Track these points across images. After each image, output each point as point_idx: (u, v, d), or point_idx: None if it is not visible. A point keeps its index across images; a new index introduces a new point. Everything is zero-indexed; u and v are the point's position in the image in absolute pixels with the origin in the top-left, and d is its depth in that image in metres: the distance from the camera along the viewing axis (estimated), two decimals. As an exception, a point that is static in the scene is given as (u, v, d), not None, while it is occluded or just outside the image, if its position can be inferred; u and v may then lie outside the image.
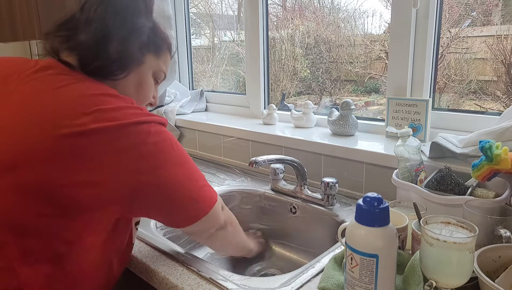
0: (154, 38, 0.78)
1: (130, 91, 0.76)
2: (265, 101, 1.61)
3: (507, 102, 1.16)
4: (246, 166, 1.43)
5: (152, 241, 0.89)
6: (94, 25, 0.70)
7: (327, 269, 0.73)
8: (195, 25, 2.04)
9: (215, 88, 1.97)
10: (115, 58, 0.71)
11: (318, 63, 1.66)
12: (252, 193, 1.22)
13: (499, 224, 0.68)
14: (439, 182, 0.87)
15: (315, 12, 1.66)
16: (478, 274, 0.59)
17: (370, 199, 0.58)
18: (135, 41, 0.73)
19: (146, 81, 0.78)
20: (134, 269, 0.84)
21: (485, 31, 1.17)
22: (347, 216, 1.01)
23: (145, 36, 0.75)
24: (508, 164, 0.72)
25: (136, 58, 0.75)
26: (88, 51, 0.70)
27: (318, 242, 1.06)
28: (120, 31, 0.71)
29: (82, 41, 0.70)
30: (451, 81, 1.25)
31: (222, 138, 1.52)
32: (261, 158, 1.04)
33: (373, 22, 1.46)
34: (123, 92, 0.71)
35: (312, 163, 1.22)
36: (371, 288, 0.58)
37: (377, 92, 1.55)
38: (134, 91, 0.77)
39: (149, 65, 0.78)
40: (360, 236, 0.58)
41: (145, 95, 0.80)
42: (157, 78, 0.82)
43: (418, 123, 1.14)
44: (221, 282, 0.73)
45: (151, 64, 0.78)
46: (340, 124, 1.25)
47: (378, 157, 1.07)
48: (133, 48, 0.73)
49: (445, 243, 0.55)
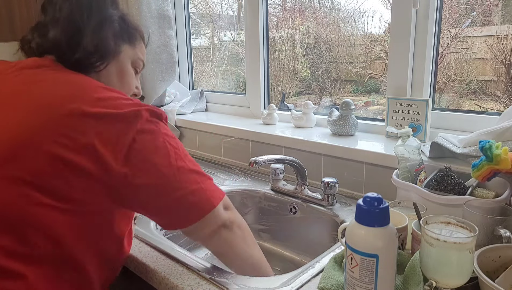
0: (126, 27, 0.80)
1: (114, 83, 0.79)
2: (265, 101, 1.61)
3: (507, 102, 1.16)
4: (246, 166, 1.43)
5: (152, 241, 0.89)
6: (63, 23, 0.72)
7: (327, 269, 0.73)
8: (195, 25, 2.04)
9: (215, 88, 1.97)
10: (92, 50, 0.73)
11: (318, 63, 1.66)
12: (252, 193, 1.22)
13: (499, 224, 0.68)
14: (439, 182, 0.87)
15: (315, 12, 1.66)
16: (478, 274, 0.59)
17: (370, 199, 0.58)
18: (107, 31, 0.76)
19: (126, 71, 0.81)
20: (134, 269, 0.84)
21: (485, 31, 1.17)
22: (347, 216, 1.01)
23: (116, 26, 0.78)
24: (508, 164, 0.72)
25: (112, 48, 0.77)
26: (63, 48, 0.72)
27: (318, 242, 1.06)
28: (90, 23, 0.73)
29: (55, 40, 0.72)
30: (451, 81, 1.25)
31: (222, 138, 1.52)
32: (261, 158, 1.04)
33: (373, 22, 1.46)
34: (107, 84, 0.74)
35: (312, 163, 1.22)
36: (371, 288, 0.58)
37: (377, 92, 1.55)
38: (117, 82, 0.79)
39: (127, 55, 0.81)
40: (360, 236, 0.58)
41: (128, 86, 0.82)
42: (136, 67, 0.84)
43: (418, 123, 1.14)
44: (221, 282, 0.73)
45: (128, 53, 0.81)
46: (340, 124, 1.25)
47: (378, 157, 1.07)
48: (107, 38, 0.76)
49: (445, 243, 0.55)
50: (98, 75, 0.75)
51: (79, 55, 0.73)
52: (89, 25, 0.73)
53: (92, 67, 0.75)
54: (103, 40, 0.75)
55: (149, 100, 1.65)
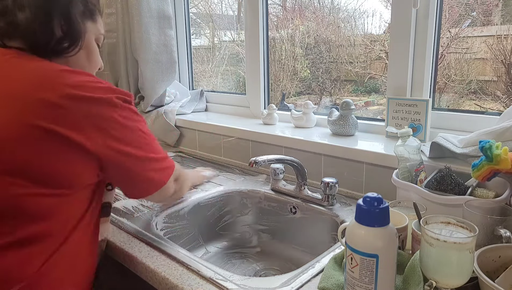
0: (87, 4, 0.81)
1: (83, 62, 0.80)
2: (265, 101, 1.61)
3: (507, 102, 1.16)
4: (246, 166, 1.43)
5: (152, 241, 0.89)
6: (29, 10, 0.72)
7: (327, 269, 0.73)
8: (195, 25, 2.04)
9: (215, 88, 1.97)
10: (63, 34, 0.74)
11: (318, 63, 1.66)
12: (252, 193, 1.22)
13: (499, 224, 0.68)
14: (439, 182, 0.87)
15: (315, 12, 1.66)
16: (478, 274, 0.59)
17: (370, 199, 0.58)
18: (74, 12, 0.76)
19: (92, 49, 0.83)
20: (134, 269, 0.84)
21: (485, 31, 1.17)
22: (347, 216, 1.01)
23: (80, 5, 0.78)
24: (508, 164, 0.72)
25: (81, 29, 0.78)
26: (34, 34, 0.73)
27: (318, 242, 1.06)
28: (57, 6, 0.74)
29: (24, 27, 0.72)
30: (451, 81, 1.25)
31: (222, 138, 1.52)
32: (261, 158, 1.04)
33: (373, 22, 1.46)
34: (77, 65, 0.76)
35: (312, 163, 1.22)
36: (371, 288, 0.58)
37: (377, 92, 1.55)
38: (85, 62, 0.81)
39: (91, 32, 0.82)
40: (360, 236, 0.58)
41: (95, 62, 0.85)
42: (98, 42, 0.86)
43: (418, 123, 1.14)
44: (221, 282, 0.73)
45: (92, 30, 0.82)
46: (340, 124, 1.25)
47: (378, 157, 1.07)
48: (75, 19, 0.76)
49: (445, 243, 0.55)
50: (67, 59, 0.77)
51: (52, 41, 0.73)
52: (57, 9, 0.74)
53: (64, 52, 0.76)
54: (72, 22, 0.76)
55: (149, 100, 1.65)
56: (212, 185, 1.25)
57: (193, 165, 1.47)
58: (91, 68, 0.83)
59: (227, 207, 1.22)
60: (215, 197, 1.19)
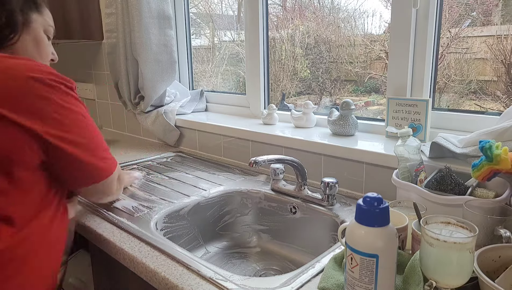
0: None
1: (32, 53, 0.84)
2: (265, 101, 1.61)
3: (507, 102, 1.16)
4: (246, 166, 1.43)
5: (152, 241, 0.89)
6: None
7: (327, 269, 0.73)
8: (195, 25, 2.04)
9: (215, 88, 1.97)
10: (2, 23, 0.78)
11: (318, 63, 1.66)
12: (252, 193, 1.22)
13: (499, 224, 0.68)
14: (439, 182, 0.87)
15: (315, 12, 1.66)
16: (478, 274, 0.59)
17: (370, 199, 0.58)
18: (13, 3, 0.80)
19: (41, 40, 0.87)
20: (134, 269, 0.84)
21: (485, 31, 1.17)
22: (347, 216, 1.01)
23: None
24: (508, 164, 0.72)
25: (21, 18, 0.82)
26: None
27: (318, 242, 1.06)
28: None
29: None
30: (451, 81, 1.25)
31: (222, 138, 1.52)
32: (261, 158, 1.04)
33: (373, 22, 1.46)
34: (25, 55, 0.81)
35: (312, 163, 1.22)
36: (371, 288, 0.58)
37: (377, 92, 1.55)
38: (34, 52, 0.85)
39: (38, 23, 0.86)
40: (360, 236, 0.58)
41: (45, 53, 0.89)
42: (48, 34, 0.90)
43: (418, 123, 1.14)
44: (221, 282, 0.73)
45: (39, 21, 0.86)
46: (340, 124, 1.25)
47: (378, 157, 1.07)
48: (15, 9, 0.80)
49: (445, 243, 0.55)
50: (14, 48, 0.81)
51: None
52: None
53: (7, 40, 0.80)
54: (12, 11, 0.80)
55: (149, 100, 1.65)
56: (212, 185, 1.25)
57: (193, 165, 1.47)
58: (42, 59, 0.87)
59: (227, 207, 1.22)
60: (215, 197, 1.19)
